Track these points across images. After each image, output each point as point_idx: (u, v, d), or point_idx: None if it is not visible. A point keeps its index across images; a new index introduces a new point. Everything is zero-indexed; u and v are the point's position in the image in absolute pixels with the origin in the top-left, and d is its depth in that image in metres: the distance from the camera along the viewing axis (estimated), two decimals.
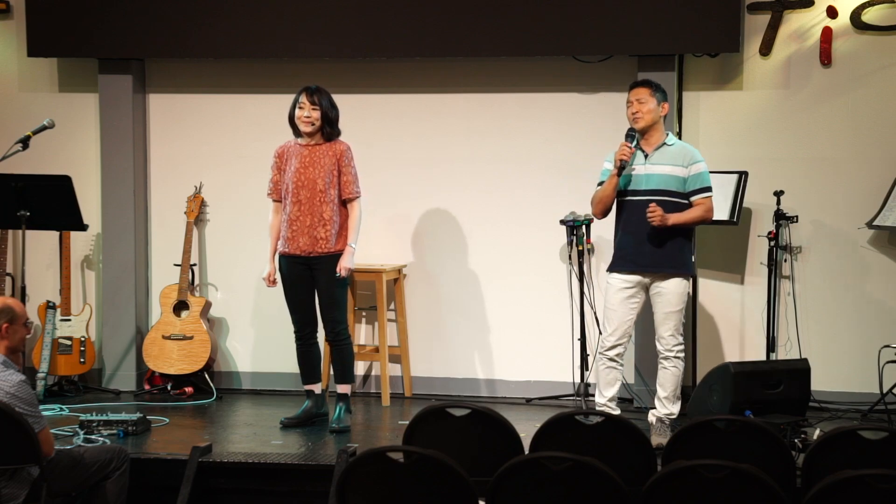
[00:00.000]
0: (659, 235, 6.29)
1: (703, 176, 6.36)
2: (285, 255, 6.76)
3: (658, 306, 6.38)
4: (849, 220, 7.40)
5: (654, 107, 6.35)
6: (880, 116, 7.39)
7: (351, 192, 6.73)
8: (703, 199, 6.34)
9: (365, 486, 4.33)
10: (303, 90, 6.71)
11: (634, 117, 6.36)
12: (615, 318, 6.41)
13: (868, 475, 3.89)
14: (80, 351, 7.82)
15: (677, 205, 6.32)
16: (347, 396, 6.86)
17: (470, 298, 7.87)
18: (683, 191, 6.33)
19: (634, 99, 6.36)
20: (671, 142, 6.42)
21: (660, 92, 6.39)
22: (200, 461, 5.96)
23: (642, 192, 6.33)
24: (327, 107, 6.69)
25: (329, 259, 6.69)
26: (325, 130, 6.70)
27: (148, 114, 8.11)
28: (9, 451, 5.04)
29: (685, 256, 6.37)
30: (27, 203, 7.29)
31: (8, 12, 8.12)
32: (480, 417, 4.95)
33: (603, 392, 6.46)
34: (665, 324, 6.36)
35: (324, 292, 6.74)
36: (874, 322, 7.42)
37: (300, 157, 6.72)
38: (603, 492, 4.12)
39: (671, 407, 6.41)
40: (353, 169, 6.75)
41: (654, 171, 6.33)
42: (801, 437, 6.01)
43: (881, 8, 7.31)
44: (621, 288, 6.40)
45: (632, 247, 6.35)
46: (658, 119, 6.39)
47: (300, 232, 6.67)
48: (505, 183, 7.78)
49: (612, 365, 6.44)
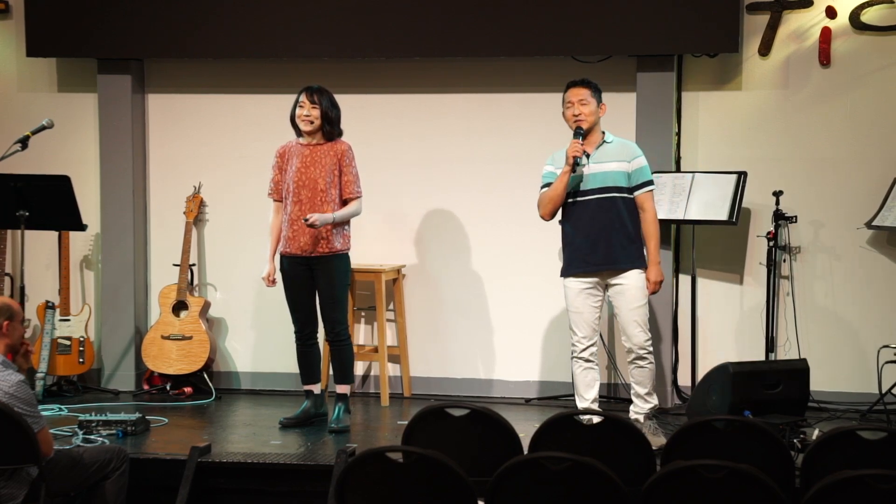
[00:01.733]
0: (610, 234, 6.32)
1: (644, 170, 6.40)
2: (286, 255, 6.76)
3: (622, 304, 6.38)
4: (848, 221, 7.40)
5: (595, 108, 6.36)
6: (879, 116, 7.39)
7: (352, 191, 6.74)
8: (647, 194, 6.38)
9: (364, 487, 4.33)
10: (303, 90, 6.72)
11: (577, 119, 6.34)
12: (581, 321, 6.41)
13: (867, 475, 3.89)
14: (79, 351, 7.82)
15: (625, 200, 6.34)
16: (347, 397, 6.86)
17: (469, 298, 7.87)
18: (628, 185, 6.35)
19: (576, 100, 6.34)
20: (610, 139, 6.44)
21: (598, 92, 6.41)
22: (199, 461, 5.96)
23: (589, 192, 6.36)
24: (327, 106, 6.69)
25: (330, 259, 6.69)
26: (325, 129, 6.70)
27: (147, 114, 8.11)
28: (8, 451, 5.04)
29: (638, 249, 6.39)
30: (26, 203, 7.29)
31: (7, 12, 8.12)
32: (480, 417, 4.94)
33: (584, 395, 6.44)
34: (632, 321, 6.36)
35: (324, 292, 6.74)
36: (873, 322, 7.42)
37: (301, 157, 6.72)
38: (602, 492, 4.12)
39: (652, 400, 6.46)
40: (353, 169, 6.75)
41: (598, 170, 6.35)
42: (801, 438, 6.00)
43: (880, 8, 7.31)
44: (580, 290, 6.41)
45: (586, 248, 6.37)
46: (597, 120, 6.40)
47: (301, 231, 6.66)
48: (504, 183, 7.78)
49: (588, 366, 6.44)
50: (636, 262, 6.38)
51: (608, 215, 6.34)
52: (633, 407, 6.49)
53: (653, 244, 6.37)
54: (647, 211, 6.39)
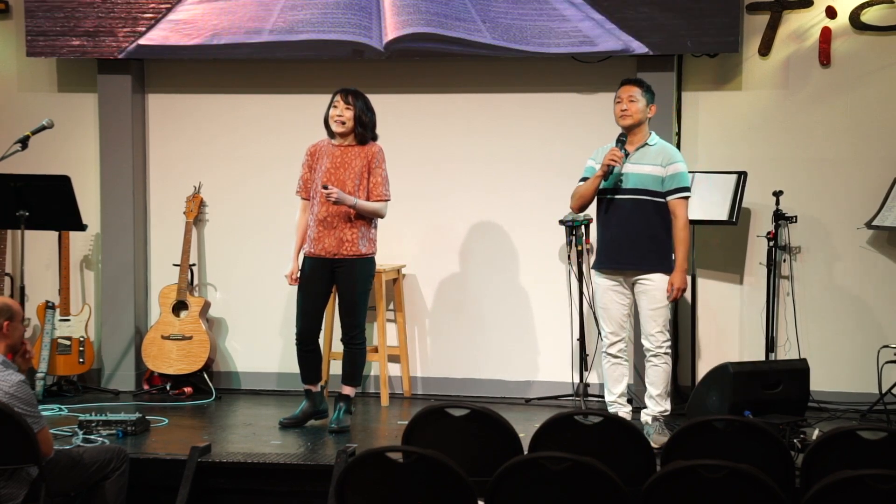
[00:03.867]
0: (639, 235, 6.32)
1: (679, 176, 6.35)
2: (310, 256, 6.70)
3: (643, 304, 6.39)
4: (848, 221, 7.40)
5: (643, 107, 6.36)
6: (879, 116, 7.39)
7: (380, 193, 6.68)
8: (679, 200, 6.33)
9: (364, 487, 4.33)
10: (339, 91, 6.67)
11: (623, 114, 6.36)
12: (608, 317, 6.44)
13: (867, 475, 3.89)
14: (79, 351, 7.82)
15: (656, 204, 6.33)
16: (350, 398, 6.83)
17: (469, 298, 7.87)
18: (662, 190, 6.34)
19: (626, 96, 6.36)
20: (653, 142, 6.42)
21: (650, 93, 6.41)
22: (199, 461, 5.96)
23: (622, 191, 6.36)
24: (361, 108, 6.65)
25: (353, 262, 6.63)
26: (357, 132, 6.66)
27: (147, 114, 8.11)
28: (8, 452, 5.04)
29: (666, 253, 6.37)
30: (26, 203, 7.29)
31: (7, 12, 8.12)
32: (480, 417, 4.94)
33: (612, 389, 6.49)
34: (652, 321, 6.37)
35: (345, 295, 6.70)
36: (873, 322, 7.42)
37: (332, 158, 6.68)
38: (602, 492, 4.12)
39: (664, 404, 6.43)
40: (383, 171, 6.69)
41: (634, 171, 6.34)
42: (801, 438, 6.00)
43: (880, 8, 7.31)
44: (608, 287, 6.44)
45: (613, 245, 6.39)
46: (644, 120, 6.40)
47: (327, 233, 6.62)
48: (504, 183, 7.78)
49: (616, 361, 6.46)
50: (661, 266, 6.34)
51: (639, 217, 6.32)
52: (644, 410, 6.51)
53: (681, 251, 6.32)
54: (678, 217, 6.33)
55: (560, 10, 7.39)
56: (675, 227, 6.34)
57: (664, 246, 6.36)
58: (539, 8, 7.40)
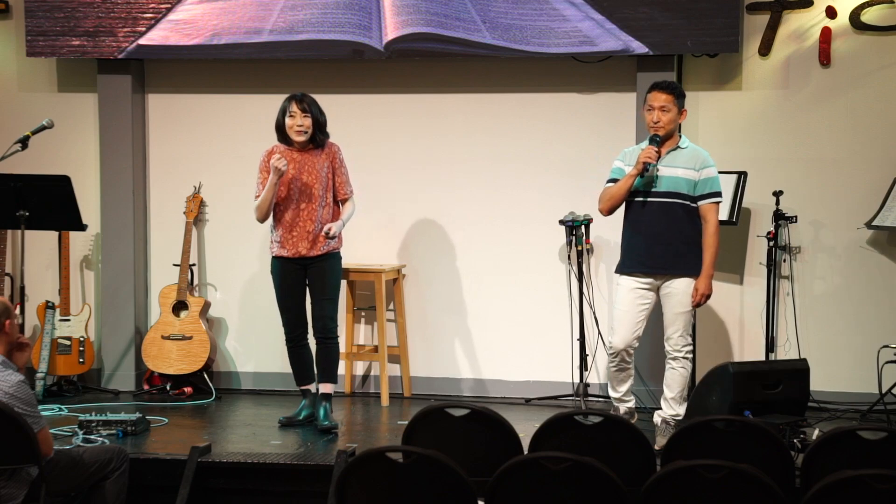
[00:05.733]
0: (668, 238, 6.28)
1: (713, 181, 6.31)
2: (280, 258, 6.75)
3: (668, 307, 6.36)
4: (848, 221, 7.40)
5: (676, 115, 6.29)
6: (879, 116, 7.39)
7: (346, 192, 6.77)
8: (712, 205, 6.30)
9: (364, 487, 4.33)
10: (290, 98, 6.69)
11: (656, 126, 6.26)
12: (625, 321, 6.37)
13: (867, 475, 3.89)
14: (79, 351, 7.82)
15: (686, 207, 6.30)
16: (331, 396, 6.86)
17: (469, 298, 7.87)
18: (693, 194, 6.31)
19: (657, 105, 6.25)
20: (684, 145, 6.38)
21: (682, 98, 6.33)
22: (199, 461, 5.97)
23: (653, 194, 6.30)
24: (317, 113, 6.68)
25: (325, 258, 6.71)
26: (316, 138, 6.69)
27: (147, 114, 8.11)
28: (8, 451, 5.04)
29: (693, 259, 6.34)
30: (26, 203, 7.29)
31: (7, 12, 8.12)
32: (480, 417, 4.94)
33: (617, 388, 6.49)
34: (674, 324, 6.35)
35: (318, 290, 6.74)
36: (873, 322, 7.42)
37: (294, 164, 6.69)
38: (602, 492, 4.12)
39: (677, 408, 6.41)
40: (345, 168, 6.77)
41: (666, 174, 6.29)
42: (801, 438, 6.00)
43: (880, 8, 7.31)
44: (632, 289, 6.37)
45: (643, 249, 6.33)
46: (676, 126, 6.36)
47: (301, 237, 6.66)
48: (504, 183, 7.78)
49: (622, 366, 6.45)
50: (689, 271, 6.30)
51: (668, 220, 6.28)
52: (657, 411, 6.51)
53: (709, 256, 6.28)
54: (708, 222, 6.29)
55: (560, 10, 7.40)
56: (706, 233, 6.28)
57: (692, 251, 6.31)
58: (539, 8, 7.41)
